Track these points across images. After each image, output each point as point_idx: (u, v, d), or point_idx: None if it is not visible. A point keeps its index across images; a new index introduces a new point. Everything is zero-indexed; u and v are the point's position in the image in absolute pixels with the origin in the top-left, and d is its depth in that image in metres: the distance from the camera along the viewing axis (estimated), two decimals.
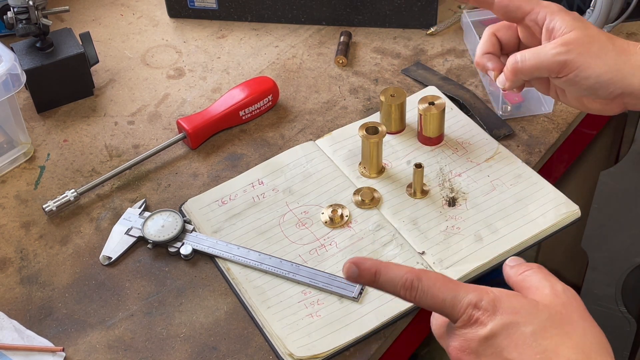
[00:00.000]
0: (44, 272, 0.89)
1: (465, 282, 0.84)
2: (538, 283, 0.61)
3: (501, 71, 0.81)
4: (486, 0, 0.81)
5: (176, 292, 0.86)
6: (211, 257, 0.89)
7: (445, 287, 0.59)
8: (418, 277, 0.59)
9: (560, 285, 0.60)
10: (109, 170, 0.99)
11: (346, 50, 1.14)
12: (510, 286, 0.63)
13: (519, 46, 0.83)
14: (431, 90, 1.06)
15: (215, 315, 0.84)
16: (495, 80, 0.82)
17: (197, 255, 0.89)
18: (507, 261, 0.65)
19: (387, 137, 0.99)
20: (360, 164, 0.96)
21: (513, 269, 0.63)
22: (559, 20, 0.78)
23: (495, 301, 0.58)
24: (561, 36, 0.77)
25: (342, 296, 0.83)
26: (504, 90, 0.83)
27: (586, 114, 1.06)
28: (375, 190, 0.94)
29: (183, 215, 0.92)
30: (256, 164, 0.99)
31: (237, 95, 1.04)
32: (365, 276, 0.61)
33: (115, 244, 0.90)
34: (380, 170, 0.96)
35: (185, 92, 1.11)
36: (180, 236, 0.89)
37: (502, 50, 0.84)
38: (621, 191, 1.25)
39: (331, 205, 0.92)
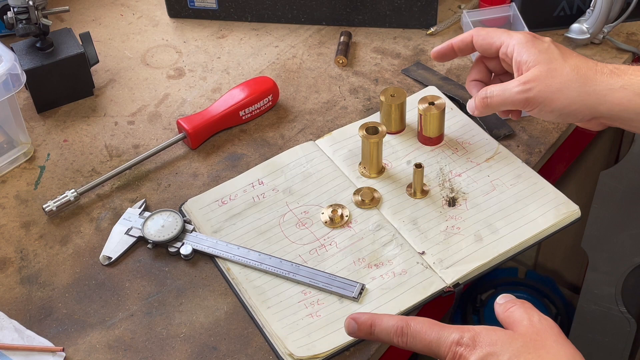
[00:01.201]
0: (44, 272, 0.89)
1: (465, 281, 0.84)
2: (519, 316, 0.68)
3: None
4: (462, 49, 0.90)
5: (176, 292, 0.86)
6: (211, 257, 0.89)
7: (431, 329, 0.67)
8: (407, 324, 0.68)
9: (537, 316, 0.67)
10: (109, 170, 0.99)
11: (346, 50, 1.14)
12: (499, 322, 0.70)
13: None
14: (431, 90, 1.06)
15: (215, 315, 0.84)
16: (466, 105, 0.89)
17: (197, 255, 0.89)
18: (497, 299, 0.71)
19: (387, 137, 0.99)
20: (360, 164, 0.96)
21: (501, 307, 0.70)
22: (525, 54, 0.83)
23: (475, 337, 0.66)
24: (526, 71, 0.82)
25: (342, 296, 0.83)
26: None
27: None
28: (375, 190, 0.94)
29: (183, 215, 0.92)
30: (256, 164, 0.99)
31: (237, 95, 1.04)
32: (363, 329, 0.72)
33: (115, 244, 0.90)
34: (380, 170, 0.96)
35: (185, 92, 1.11)
36: (180, 236, 0.89)
37: (493, 74, 0.92)
38: (621, 191, 1.26)
39: (331, 205, 0.92)
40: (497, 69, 0.92)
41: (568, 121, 0.85)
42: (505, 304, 0.70)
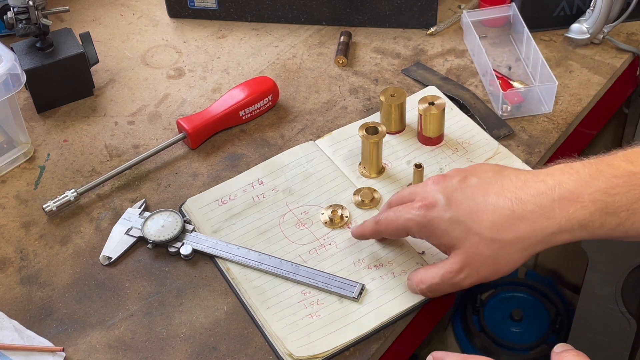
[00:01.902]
0: (44, 272, 0.89)
1: None
2: None
3: None
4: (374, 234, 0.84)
5: (176, 292, 0.86)
6: (211, 257, 0.89)
7: None
8: None
9: None
10: (109, 170, 0.99)
11: (346, 50, 1.14)
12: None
13: None
14: (431, 90, 1.06)
15: (215, 315, 0.84)
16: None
17: (197, 255, 0.89)
18: (555, 348, 0.67)
19: (387, 137, 0.99)
20: (360, 164, 0.96)
21: (557, 355, 0.66)
22: (435, 239, 0.77)
23: None
24: (452, 252, 0.76)
25: (341, 296, 0.83)
26: None
27: (586, 113, 1.06)
28: (375, 190, 0.93)
29: (183, 215, 0.92)
30: (256, 164, 0.99)
31: (237, 95, 1.04)
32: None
33: (115, 244, 0.90)
34: (380, 171, 0.96)
35: (185, 92, 1.11)
36: (180, 236, 0.89)
37: None
38: None
39: (331, 206, 0.92)
40: None
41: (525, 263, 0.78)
42: (564, 352, 0.65)
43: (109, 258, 0.89)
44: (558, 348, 0.67)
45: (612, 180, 0.70)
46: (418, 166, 0.90)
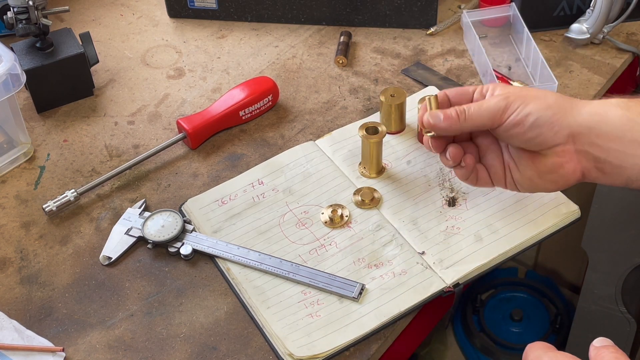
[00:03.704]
0: (44, 272, 0.89)
1: (465, 281, 0.84)
2: None
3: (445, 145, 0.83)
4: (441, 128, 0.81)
5: (176, 292, 0.86)
6: (211, 257, 0.89)
7: None
8: None
9: None
10: (109, 170, 0.99)
11: (346, 50, 1.14)
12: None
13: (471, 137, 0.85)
14: (431, 90, 1.06)
15: (215, 315, 0.84)
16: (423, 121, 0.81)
17: (197, 255, 0.89)
18: (594, 341, 0.66)
19: (387, 137, 0.99)
20: (360, 164, 0.96)
21: (596, 350, 0.65)
22: (500, 87, 0.80)
23: None
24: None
25: (342, 296, 0.83)
26: (427, 134, 0.82)
27: None
28: (375, 190, 0.94)
29: (183, 215, 0.92)
30: (256, 164, 0.99)
31: (237, 95, 1.04)
32: None
33: (115, 244, 0.90)
34: (380, 171, 0.96)
35: (185, 92, 1.11)
36: (180, 236, 0.89)
37: (455, 139, 0.84)
38: (621, 191, 1.25)
39: (331, 205, 0.92)
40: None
41: (542, 141, 0.78)
42: (603, 347, 0.65)
43: (109, 258, 0.89)
44: (597, 342, 0.66)
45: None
46: (433, 98, 0.83)
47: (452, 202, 0.92)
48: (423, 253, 0.87)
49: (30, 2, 1.01)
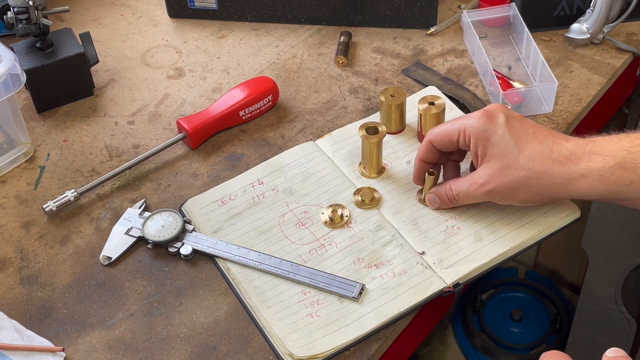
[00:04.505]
0: (44, 272, 0.89)
1: (465, 281, 0.84)
2: None
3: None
4: (430, 157, 0.89)
5: (176, 292, 0.86)
6: (211, 257, 0.89)
7: None
8: None
9: None
10: (109, 170, 0.99)
11: (346, 50, 1.14)
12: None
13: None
14: (431, 90, 1.06)
15: (215, 315, 0.84)
16: (425, 200, 0.91)
17: (197, 255, 0.89)
18: (607, 352, 0.67)
19: (387, 137, 0.99)
20: (360, 164, 0.96)
21: None
22: (481, 147, 0.84)
23: None
24: (481, 164, 0.84)
25: (342, 296, 0.83)
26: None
27: (586, 114, 1.06)
28: (375, 190, 0.93)
29: (183, 215, 0.92)
30: (256, 164, 0.99)
31: (237, 95, 1.04)
32: None
33: (115, 244, 0.90)
34: (380, 170, 0.96)
35: (185, 92, 1.11)
36: (180, 236, 0.89)
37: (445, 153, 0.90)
38: None
39: (331, 205, 0.92)
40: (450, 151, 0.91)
41: (539, 204, 0.88)
42: (612, 358, 0.65)
43: (109, 258, 0.89)
44: (610, 352, 0.66)
45: (635, 140, 0.79)
46: (431, 173, 0.90)
47: None
48: (423, 253, 0.87)
49: (30, 2, 1.01)
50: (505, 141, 0.82)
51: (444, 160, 0.91)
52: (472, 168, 0.89)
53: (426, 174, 0.90)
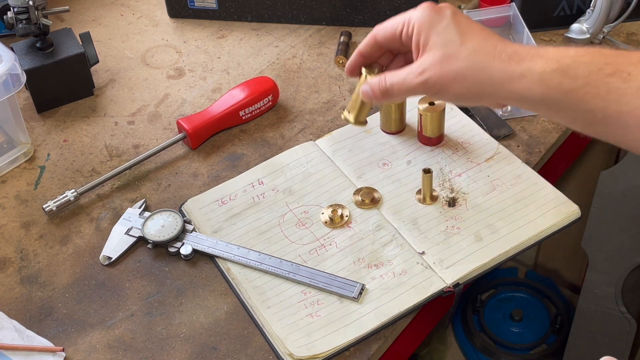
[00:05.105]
0: (44, 272, 0.89)
1: (465, 281, 0.84)
2: None
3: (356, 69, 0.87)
4: (371, 52, 0.85)
5: (176, 292, 0.86)
6: (211, 257, 0.89)
7: None
8: None
9: None
10: (109, 170, 0.99)
11: (346, 50, 1.14)
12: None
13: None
14: None
15: (215, 315, 0.84)
16: (360, 90, 0.85)
17: (197, 255, 0.89)
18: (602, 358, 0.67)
19: (387, 137, 0.99)
20: (345, 109, 0.92)
21: None
22: (423, 36, 0.80)
23: None
24: (423, 55, 0.79)
25: (342, 296, 0.83)
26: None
27: None
28: (375, 190, 0.94)
29: (183, 215, 0.92)
30: (256, 164, 0.99)
31: (237, 95, 1.04)
32: None
33: (115, 244, 0.90)
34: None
35: (185, 92, 1.11)
36: (180, 236, 0.89)
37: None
38: (621, 191, 1.25)
39: (331, 205, 0.92)
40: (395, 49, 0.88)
41: (470, 104, 0.87)
42: None
43: (109, 258, 0.89)
44: None
45: (580, 50, 0.74)
46: (426, 171, 0.90)
47: (452, 202, 0.92)
48: (423, 253, 0.87)
49: (31, 2, 1.01)
50: (449, 31, 0.78)
51: (385, 61, 0.88)
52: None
53: (422, 171, 0.90)
